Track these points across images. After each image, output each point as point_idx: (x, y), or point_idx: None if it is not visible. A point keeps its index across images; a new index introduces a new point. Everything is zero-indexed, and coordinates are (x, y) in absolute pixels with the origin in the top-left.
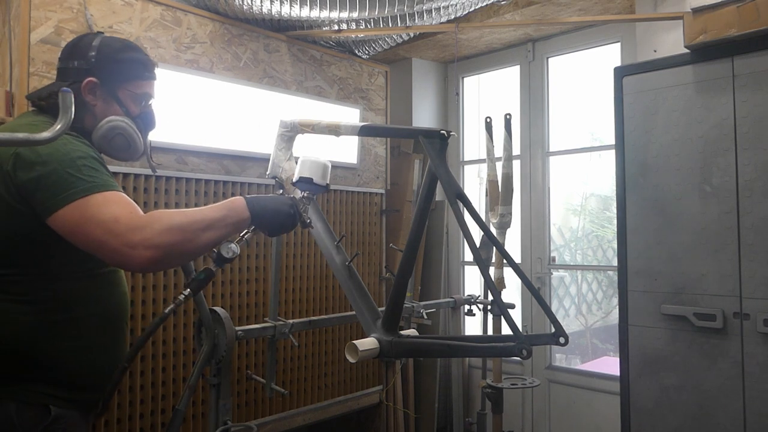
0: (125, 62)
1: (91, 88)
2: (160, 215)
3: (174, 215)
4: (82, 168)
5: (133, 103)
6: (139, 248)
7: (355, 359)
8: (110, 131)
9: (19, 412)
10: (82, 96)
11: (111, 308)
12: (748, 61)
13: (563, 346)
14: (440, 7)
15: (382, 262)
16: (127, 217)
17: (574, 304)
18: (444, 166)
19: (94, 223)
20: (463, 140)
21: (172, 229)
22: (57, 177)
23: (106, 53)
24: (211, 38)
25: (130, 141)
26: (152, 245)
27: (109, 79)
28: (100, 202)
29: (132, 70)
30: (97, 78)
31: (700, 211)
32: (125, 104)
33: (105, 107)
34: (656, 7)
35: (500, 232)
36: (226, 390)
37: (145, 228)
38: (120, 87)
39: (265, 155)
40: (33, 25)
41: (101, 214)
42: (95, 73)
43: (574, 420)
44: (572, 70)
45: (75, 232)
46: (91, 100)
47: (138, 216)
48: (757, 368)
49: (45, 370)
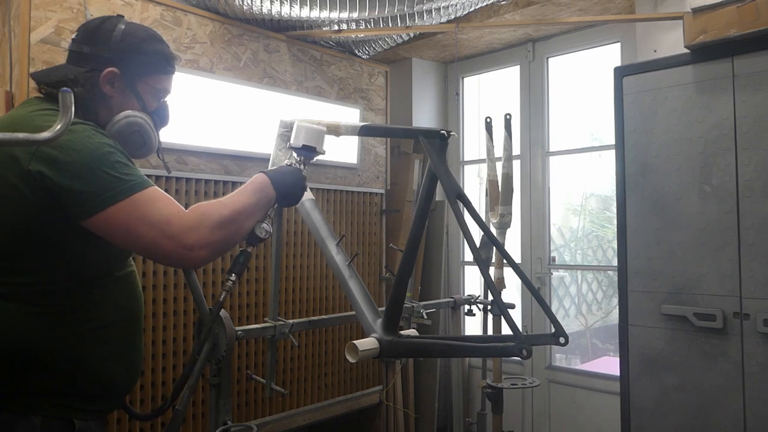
0: (149, 54)
1: (110, 79)
2: (207, 211)
3: (219, 209)
4: (116, 165)
5: (152, 98)
6: (196, 249)
7: (355, 359)
8: (127, 127)
9: (45, 426)
10: (100, 86)
11: (135, 311)
12: (748, 61)
13: (563, 346)
14: (440, 7)
15: (382, 262)
16: (177, 216)
17: (574, 304)
18: (444, 166)
19: (145, 225)
20: (463, 140)
21: (222, 223)
22: (95, 177)
23: (130, 42)
24: (211, 38)
25: (146, 138)
26: (206, 243)
27: (130, 71)
28: (145, 200)
29: (155, 63)
30: (118, 68)
31: (700, 211)
32: (144, 98)
33: (122, 100)
34: (656, 7)
35: (500, 232)
36: (226, 390)
37: (197, 228)
38: (140, 80)
39: (265, 155)
40: (33, 25)
41: (151, 215)
42: (116, 62)
43: (574, 420)
44: (572, 70)
45: (123, 233)
46: (109, 92)
47: (186, 215)
48: (757, 368)
49: (74, 383)
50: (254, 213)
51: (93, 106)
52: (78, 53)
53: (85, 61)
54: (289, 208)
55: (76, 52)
